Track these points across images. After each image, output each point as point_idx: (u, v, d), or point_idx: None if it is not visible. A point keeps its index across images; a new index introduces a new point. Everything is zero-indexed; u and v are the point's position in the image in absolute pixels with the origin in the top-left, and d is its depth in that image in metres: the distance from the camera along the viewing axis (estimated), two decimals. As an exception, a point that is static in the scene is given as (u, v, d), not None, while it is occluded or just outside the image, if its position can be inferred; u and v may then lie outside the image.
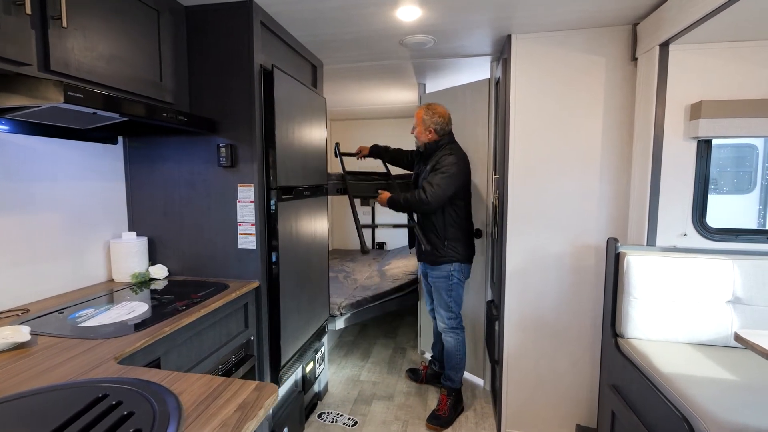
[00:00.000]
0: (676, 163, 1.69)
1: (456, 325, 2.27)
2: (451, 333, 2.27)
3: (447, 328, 2.28)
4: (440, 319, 2.30)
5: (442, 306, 2.27)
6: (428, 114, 2.19)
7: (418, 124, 2.23)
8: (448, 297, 2.24)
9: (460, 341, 2.28)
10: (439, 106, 2.22)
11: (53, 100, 1.01)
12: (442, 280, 2.24)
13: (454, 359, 2.29)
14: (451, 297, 2.24)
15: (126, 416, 0.71)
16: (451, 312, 2.25)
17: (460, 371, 2.31)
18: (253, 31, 1.59)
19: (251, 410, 0.74)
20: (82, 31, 1.17)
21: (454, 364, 2.29)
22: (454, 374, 2.30)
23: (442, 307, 2.27)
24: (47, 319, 1.25)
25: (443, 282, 2.24)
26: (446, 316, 2.26)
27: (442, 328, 2.30)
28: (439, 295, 2.26)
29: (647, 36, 1.71)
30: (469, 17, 1.80)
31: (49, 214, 1.47)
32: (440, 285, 2.25)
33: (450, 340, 2.28)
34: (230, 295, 1.49)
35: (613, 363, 1.65)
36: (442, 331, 2.31)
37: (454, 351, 2.28)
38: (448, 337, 2.28)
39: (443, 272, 2.23)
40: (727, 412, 1.10)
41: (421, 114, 2.21)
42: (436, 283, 2.26)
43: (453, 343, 2.27)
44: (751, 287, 1.50)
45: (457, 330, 2.28)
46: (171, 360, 1.20)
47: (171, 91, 1.55)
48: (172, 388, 0.82)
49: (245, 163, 1.65)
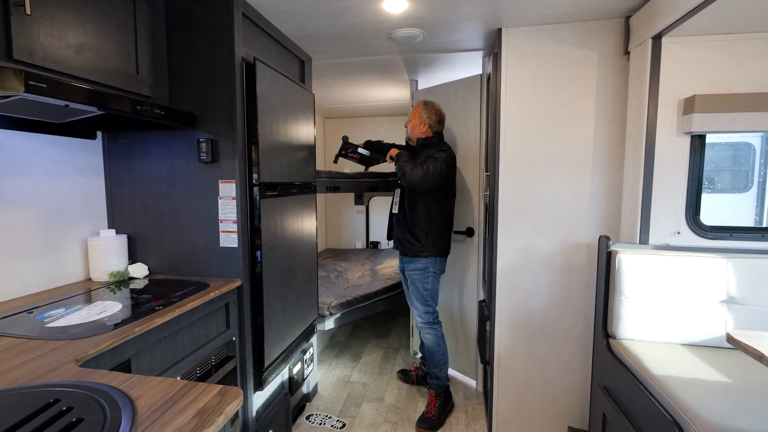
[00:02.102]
0: (669, 159, 1.65)
1: (433, 320, 2.26)
2: (429, 329, 2.26)
3: (424, 324, 2.27)
4: (417, 314, 2.30)
5: (418, 299, 2.26)
6: (426, 109, 2.21)
7: (414, 116, 2.23)
8: (424, 290, 2.24)
9: (439, 336, 2.27)
10: (437, 104, 2.24)
11: (13, 89, 0.96)
12: (418, 272, 2.23)
13: (435, 356, 2.26)
14: (427, 290, 2.24)
15: (74, 423, 0.67)
16: (428, 306, 2.25)
17: (444, 367, 2.28)
18: (233, 22, 1.55)
19: (210, 416, 0.70)
20: (49, 18, 1.12)
21: (437, 361, 2.26)
22: (438, 371, 2.27)
23: (418, 300, 2.26)
24: (15, 319, 1.20)
25: (419, 275, 2.23)
26: (422, 310, 2.26)
27: (420, 325, 2.29)
28: (415, 288, 2.26)
29: (640, 29, 1.67)
30: (457, 10, 1.76)
31: (22, 210, 1.42)
32: (416, 277, 2.24)
33: (429, 336, 2.26)
34: (209, 294, 1.44)
35: (604, 364, 1.61)
36: (420, 328, 2.30)
37: (435, 347, 2.26)
38: (427, 334, 2.27)
39: (420, 265, 2.23)
40: (718, 415, 1.06)
41: (420, 107, 2.22)
42: (412, 275, 2.26)
43: (432, 339, 2.26)
44: (746, 286, 1.46)
45: (434, 325, 2.27)
46: (143, 362, 1.15)
47: (148, 83, 1.50)
48: (131, 392, 0.77)
49: (227, 159, 1.60)
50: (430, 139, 2.21)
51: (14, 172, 1.39)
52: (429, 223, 2.19)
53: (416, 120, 2.21)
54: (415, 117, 2.22)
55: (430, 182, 2.08)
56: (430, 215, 2.18)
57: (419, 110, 2.21)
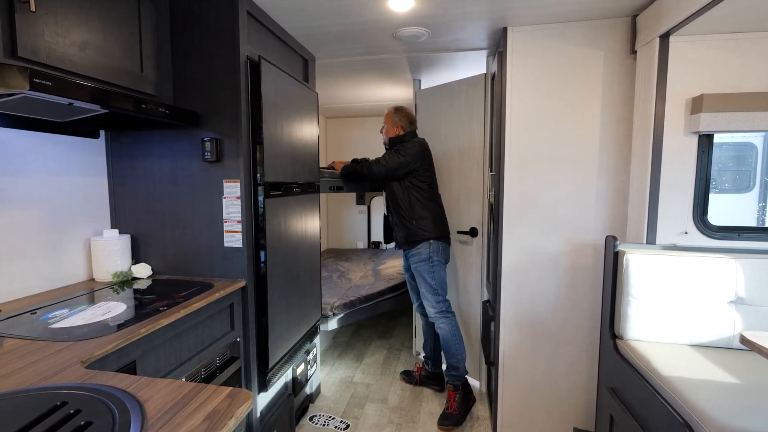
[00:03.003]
0: (676, 159, 1.64)
1: (446, 309, 2.27)
2: (443, 318, 2.26)
3: (437, 313, 2.27)
4: (429, 305, 2.29)
5: (428, 291, 2.28)
6: (396, 114, 2.41)
7: (387, 122, 2.43)
8: (431, 279, 2.26)
9: (454, 325, 2.27)
10: (407, 108, 2.45)
11: (18, 87, 0.95)
12: (423, 263, 2.27)
13: (452, 346, 2.25)
14: (434, 279, 2.26)
15: (82, 426, 0.65)
16: (438, 295, 2.26)
17: (462, 356, 2.28)
18: (238, 20, 1.53)
19: (221, 420, 0.68)
20: (54, 16, 1.11)
21: (454, 352, 2.26)
22: (456, 362, 2.26)
23: (428, 291, 2.28)
24: (18, 319, 1.19)
25: (425, 265, 2.27)
26: (434, 300, 2.26)
27: (433, 315, 2.29)
28: (423, 280, 2.28)
29: (647, 27, 1.66)
30: (463, 8, 1.75)
31: (25, 210, 1.40)
32: (422, 269, 2.27)
33: (443, 326, 2.26)
34: (214, 294, 1.43)
35: (611, 365, 1.60)
36: (434, 319, 2.29)
37: (450, 336, 2.25)
38: (441, 323, 2.27)
39: (423, 255, 2.28)
40: (730, 417, 1.05)
41: (390, 114, 2.42)
42: (418, 267, 2.29)
43: (447, 328, 2.25)
44: (755, 287, 1.45)
45: (447, 314, 2.27)
46: (148, 363, 1.14)
47: (152, 82, 1.49)
48: (139, 394, 0.76)
49: (231, 158, 1.59)
50: (402, 137, 2.37)
51: (17, 171, 1.38)
52: (411, 208, 2.29)
53: (389, 124, 2.40)
54: (387, 122, 2.41)
55: (387, 170, 2.26)
56: (411, 201, 2.29)
57: (390, 116, 2.41)
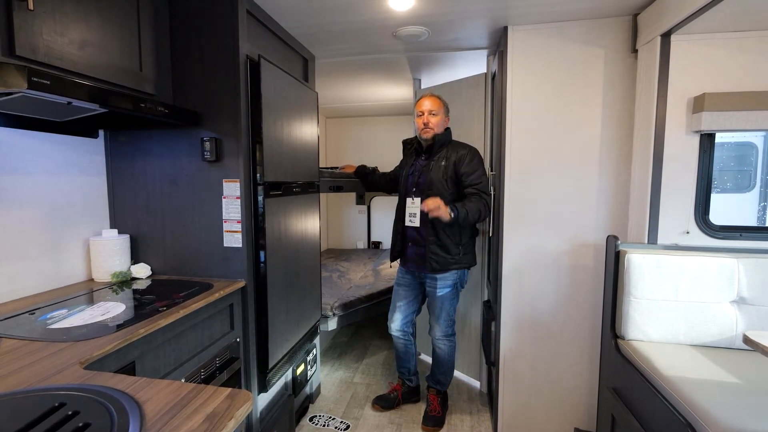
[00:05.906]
0: (677, 158, 1.63)
1: (452, 332, 2.18)
2: (446, 341, 2.16)
3: (443, 336, 2.15)
4: (438, 328, 2.13)
5: (444, 316, 2.11)
6: (444, 102, 2.08)
7: (439, 108, 2.05)
8: (451, 307, 2.10)
9: (454, 346, 2.20)
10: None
11: (16, 86, 0.94)
12: (449, 289, 2.07)
13: (447, 365, 2.21)
14: (454, 307, 2.12)
15: (81, 428, 0.65)
16: (451, 320, 2.15)
17: (451, 374, 2.25)
18: (238, 18, 1.53)
19: (220, 421, 0.68)
20: (52, 14, 1.10)
21: (446, 369, 2.22)
22: (444, 378, 2.23)
23: (444, 317, 2.11)
24: (17, 320, 1.18)
25: (450, 292, 2.07)
26: (445, 325, 2.12)
27: (438, 337, 2.15)
28: (442, 305, 2.08)
29: (648, 26, 1.65)
30: (463, 7, 1.74)
31: (23, 209, 1.39)
32: (447, 295, 2.07)
33: (444, 348, 2.17)
34: (214, 295, 1.42)
35: (612, 365, 1.60)
36: (438, 340, 2.15)
37: (448, 358, 2.19)
38: (443, 345, 2.16)
39: (449, 281, 2.05)
40: (733, 417, 1.04)
41: (439, 100, 2.06)
42: (442, 293, 2.06)
43: (447, 350, 2.18)
44: (757, 287, 1.44)
45: (452, 336, 2.18)
46: (147, 364, 1.13)
47: (152, 81, 1.48)
48: (138, 395, 0.75)
49: (231, 158, 1.58)
50: (448, 132, 2.11)
51: (15, 171, 1.37)
52: (461, 231, 2.02)
53: (442, 114, 2.07)
54: (440, 110, 2.06)
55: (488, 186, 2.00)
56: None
57: (441, 104, 2.06)
